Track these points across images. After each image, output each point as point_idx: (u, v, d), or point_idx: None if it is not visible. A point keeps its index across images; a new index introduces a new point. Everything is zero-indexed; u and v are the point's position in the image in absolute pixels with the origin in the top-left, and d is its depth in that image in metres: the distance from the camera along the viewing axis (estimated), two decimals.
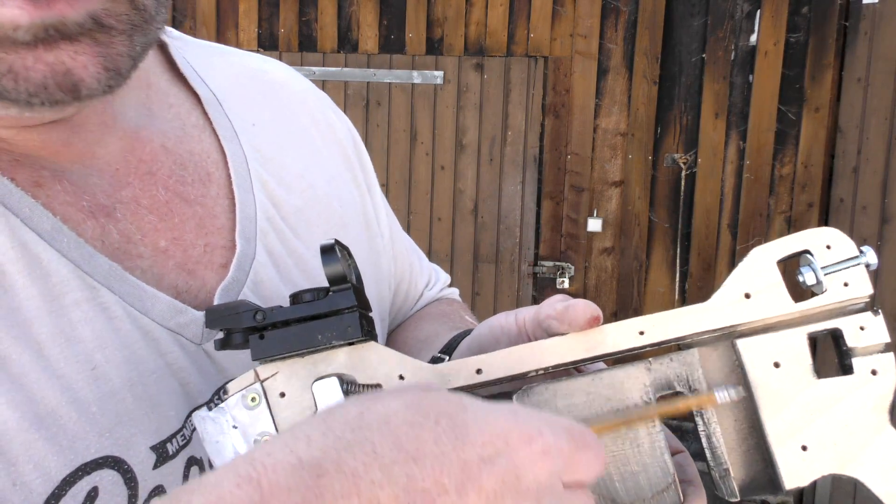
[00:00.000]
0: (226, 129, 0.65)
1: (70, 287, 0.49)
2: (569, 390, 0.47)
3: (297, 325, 0.45)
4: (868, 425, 0.44)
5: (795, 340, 0.46)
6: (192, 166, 0.61)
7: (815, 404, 0.45)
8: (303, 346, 0.45)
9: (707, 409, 0.46)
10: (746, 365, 0.46)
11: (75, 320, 0.48)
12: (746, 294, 0.46)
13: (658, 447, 0.46)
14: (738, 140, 3.69)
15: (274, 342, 0.45)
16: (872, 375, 0.45)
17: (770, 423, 0.45)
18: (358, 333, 0.45)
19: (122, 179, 0.56)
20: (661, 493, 0.46)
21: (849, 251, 0.46)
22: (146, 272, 0.54)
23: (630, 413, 0.45)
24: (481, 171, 4.00)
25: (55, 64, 0.43)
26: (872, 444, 0.44)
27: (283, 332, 0.45)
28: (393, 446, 0.35)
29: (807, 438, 0.45)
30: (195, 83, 0.65)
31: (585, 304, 0.48)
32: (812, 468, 0.45)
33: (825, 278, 0.46)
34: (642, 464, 0.46)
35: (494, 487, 0.35)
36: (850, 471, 0.44)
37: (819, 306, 0.46)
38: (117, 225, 0.54)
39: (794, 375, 0.46)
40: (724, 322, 0.46)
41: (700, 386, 0.47)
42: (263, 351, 0.45)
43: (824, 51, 3.56)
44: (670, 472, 0.46)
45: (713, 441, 0.47)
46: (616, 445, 0.46)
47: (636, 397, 0.47)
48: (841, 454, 0.44)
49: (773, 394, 0.45)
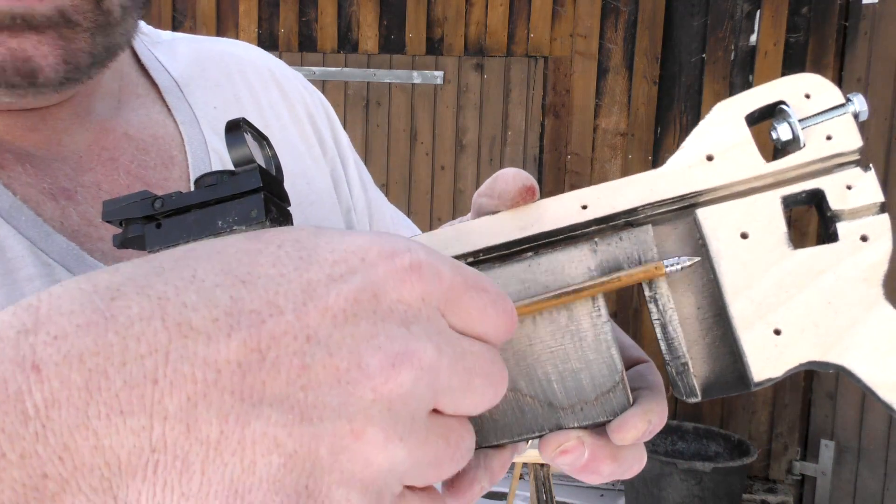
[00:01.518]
0: (185, 114, 0.66)
1: (24, 263, 0.50)
2: (501, 277, 0.40)
3: (197, 210, 0.40)
4: (857, 301, 0.36)
5: (766, 205, 0.38)
6: (154, 150, 0.62)
7: (791, 279, 0.37)
8: (202, 233, 0.40)
9: (656, 280, 0.38)
10: (708, 237, 0.38)
11: (28, 294, 0.48)
12: (709, 156, 0.38)
13: (604, 340, 0.38)
14: None
15: (171, 230, 0.40)
16: (862, 242, 0.36)
17: (735, 303, 0.37)
18: (262, 217, 0.39)
19: (85, 166, 0.57)
20: (605, 395, 0.39)
21: (833, 99, 0.38)
22: (106, 254, 0.55)
23: (564, 289, 0.37)
24: (481, 171, 4.01)
25: (17, 50, 0.45)
26: (862, 322, 0.36)
27: (181, 219, 0.40)
28: (219, 272, 0.30)
29: (780, 320, 0.37)
30: (156, 73, 0.67)
31: (516, 172, 0.41)
32: (786, 356, 0.37)
33: (803, 132, 0.38)
34: (585, 360, 0.39)
35: (344, 307, 0.30)
36: (834, 357, 0.36)
37: (796, 164, 0.38)
38: (77, 207, 0.55)
39: (765, 246, 0.37)
40: (682, 189, 0.38)
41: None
42: (160, 240, 0.40)
43: (824, 51, 3.56)
44: (618, 371, 0.38)
45: (668, 330, 0.39)
46: (554, 340, 0.39)
47: (580, 283, 0.38)
48: (823, 337, 0.36)
49: (739, 269, 0.37)
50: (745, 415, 3.83)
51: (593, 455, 0.39)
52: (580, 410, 0.39)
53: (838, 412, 3.65)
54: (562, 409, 0.39)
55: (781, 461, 3.81)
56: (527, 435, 0.40)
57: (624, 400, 0.39)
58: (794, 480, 3.80)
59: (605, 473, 0.40)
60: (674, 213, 0.40)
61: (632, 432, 0.39)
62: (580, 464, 0.40)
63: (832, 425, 3.68)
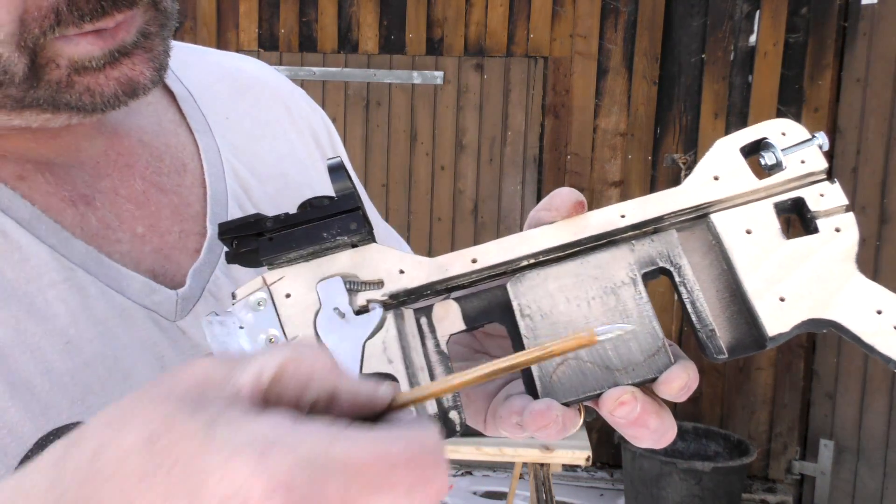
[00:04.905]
0: (199, 123, 0.69)
1: (47, 269, 0.54)
2: (558, 273, 0.51)
3: (304, 226, 0.48)
4: (838, 274, 0.49)
5: (763, 210, 0.51)
6: (168, 158, 0.65)
7: (788, 261, 0.49)
8: (310, 244, 0.48)
9: (682, 266, 0.51)
10: (721, 235, 0.50)
11: (51, 298, 0.53)
12: (715, 177, 0.51)
13: (646, 315, 0.50)
14: None
15: (282, 242, 0.48)
16: (836, 232, 0.50)
17: (748, 280, 0.49)
18: (361, 229, 0.48)
19: (102, 172, 0.61)
20: (651, 357, 0.49)
21: (802, 135, 0.51)
22: (125, 256, 0.58)
23: (499, 365, 0.41)
24: (481, 171, 4.01)
25: (120, 77, 0.53)
26: (844, 289, 0.49)
27: (291, 233, 0.48)
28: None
29: (783, 290, 0.49)
30: (170, 81, 0.69)
31: (569, 191, 0.52)
32: (791, 314, 0.49)
33: (784, 158, 0.51)
34: (632, 332, 0.49)
35: None
36: (827, 314, 0.48)
37: (781, 181, 0.51)
38: (96, 213, 0.59)
39: (766, 238, 0.50)
40: (698, 200, 0.51)
41: (681, 261, 0.51)
42: (272, 250, 0.48)
43: (823, 51, 3.57)
44: (660, 337, 0.49)
45: (697, 305, 0.50)
46: (606, 317, 0.50)
47: (622, 275, 0.50)
48: (816, 301, 0.49)
49: (748, 256, 0.50)
50: (744, 414, 3.83)
51: (644, 408, 0.47)
52: (632, 370, 0.49)
53: (837, 412, 3.66)
54: (617, 371, 0.49)
55: (781, 461, 3.82)
56: (590, 393, 0.49)
57: (667, 360, 0.49)
58: (793, 480, 3.81)
59: (651, 427, 0.48)
60: (692, 220, 0.52)
61: (677, 382, 0.48)
62: (634, 416, 0.47)
63: (831, 425, 3.69)
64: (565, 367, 0.49)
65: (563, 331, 0.50)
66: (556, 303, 0.50)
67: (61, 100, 0.52)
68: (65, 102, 0.52)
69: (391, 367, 0.49)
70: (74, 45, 0.50)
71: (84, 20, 0.49)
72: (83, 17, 0.49)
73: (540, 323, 0.50)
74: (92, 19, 0.49)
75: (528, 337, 0.50)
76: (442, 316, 0.51)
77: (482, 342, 0.61)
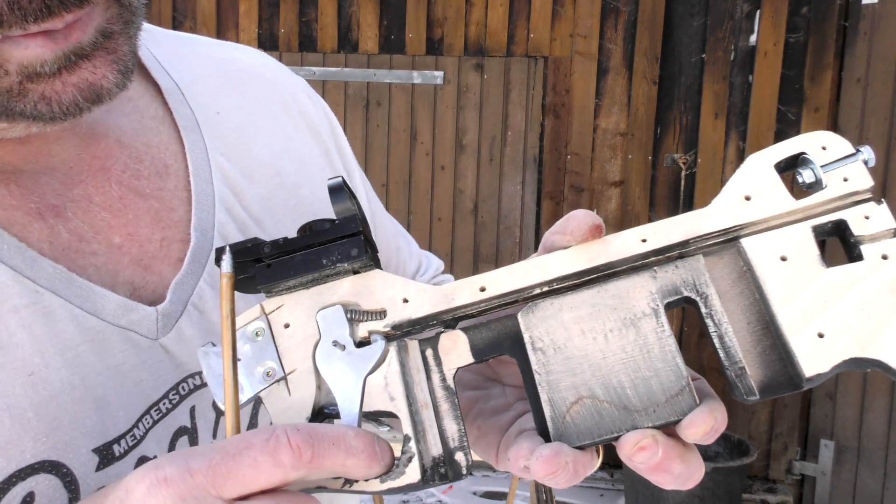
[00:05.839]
0: (187, 119, 0.64)
1: (9, 294, 0.49)
2: (574, 303, 0.46)
3: (304, 252, 0.46)
4: (885, 307, 0.43)
5: (800, 233, 0.45)
6: (148, 159, 0.60)
7: (827, 292, 0.44)
8: (309, 271, 0.45)
9: (709, 296, 0.45)
10: (753, 261, 0.45)
11: (13, 326, 0.48)
12: (746, 196, 0.45)
13: (669, 351, 0.45)
14: (738, 140, 3.69)
15: (280, 269, 0.46)
16: (883, 260, 0.44)
17: (782, 313, 0.44)
18: (363, 255, 0.45)
19: (75, 178, 0.56)
20: (674, 397, 0.44)
21: (845, 150, 0.46)
22: (100, 269, 0.54)
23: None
24: (481, 171, 4.01)
25: (79, 83, 0.48)
26: (891, 324, 0.42)
27: (289, 260, 0.46)
28: None
29: (822, 325, 0.43)
30: (157, 74, 0.64)
31: (586, 213, 0.47)
32: (830, 353, 0.43)
33: (824, 175, 0.45)
34: (654, 369, 0.45)
35: None
36: (871, 353, 0.42)
37: (821, 201, 0.45)
38: (67, 224, 0.54)
39: (803, 266, 0.44)
40: (727, 223, 0.45)
41: (708, 290, 0.45)
42: (270, 278, 0.46)
43: (824, 51, 3.56)
44: (683, 376, 0.44)
45: (726, 340, 0.45)
46: (625, 353, 0.45)
47: (643, 305, 0.46)
48: (859, 338, 0.43)
49: (783, 285, 0.44)
50: (744, 415, 3.83)
51: (666, 453, 0.43)
52: (653, 412, 0.44)
53: (838, 412, 3.65)
54: (636, 412, 0.45)
55: (781, 461, 3.81)
56: (606, 436, 0.45)
57: (691, 401, 0.44)
58: (793, 480, 3.81)
59: (675, 472, 0.44)
60: (720, 244, 0.46)
61: (702, 427, 0.43)
62: (655, 461, 0.43)
63: (832, 425, 3.68)
64: (580, 407, 0.45)
65: (578, 366, 0.46)
66: (570, 335, 0.46)
67: (15, 109, 0.47)
68: (19, 112, 0.47)
69: (393, 404, 0.46)
70: (23, 48, 0.45)
71: (28, 20, 0.44)
72: (26, 18, 0.43)
73: (553, 357, 0.46)
74: (37, 20, 0.44)
75: (540, 373, 0.46)
76: (449, 348, 0.48)
77: (496, 369, 0.58)
